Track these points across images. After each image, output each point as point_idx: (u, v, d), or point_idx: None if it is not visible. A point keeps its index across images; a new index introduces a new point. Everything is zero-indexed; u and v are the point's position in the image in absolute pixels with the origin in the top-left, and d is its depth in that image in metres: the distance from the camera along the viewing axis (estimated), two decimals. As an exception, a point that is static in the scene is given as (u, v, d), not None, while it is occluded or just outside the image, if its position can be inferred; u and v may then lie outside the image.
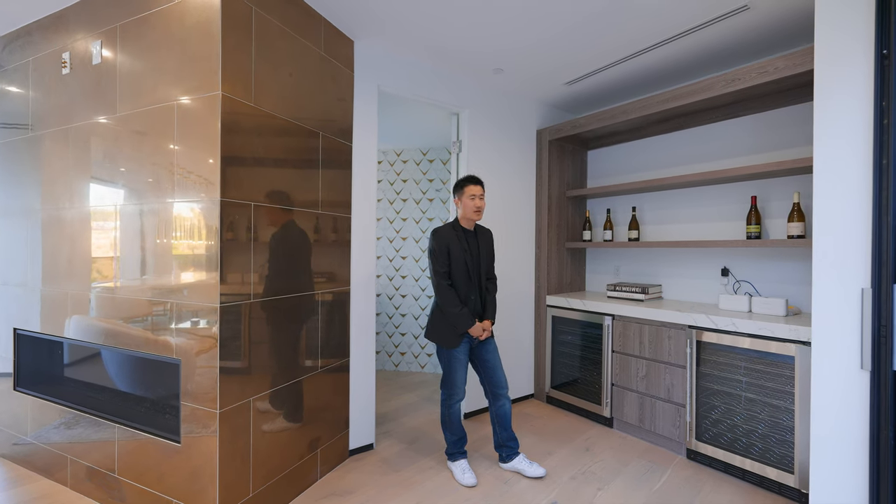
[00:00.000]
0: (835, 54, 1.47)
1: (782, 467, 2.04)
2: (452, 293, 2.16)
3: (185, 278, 1.74)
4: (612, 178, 3.39)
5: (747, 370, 2.17)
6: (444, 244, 2.18)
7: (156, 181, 1.80)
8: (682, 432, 2.43)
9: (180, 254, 1.75)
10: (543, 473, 2.20)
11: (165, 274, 1.79)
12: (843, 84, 1.45)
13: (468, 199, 2.22)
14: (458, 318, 2.14)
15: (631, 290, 2.89)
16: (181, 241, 1.75)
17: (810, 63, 1.94)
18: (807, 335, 1.96)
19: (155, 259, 1.83)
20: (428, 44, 2.45)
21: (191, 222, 1.72)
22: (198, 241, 1.70)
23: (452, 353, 2.20)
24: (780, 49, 2.45)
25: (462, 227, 2.26)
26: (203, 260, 1.69)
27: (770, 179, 2.54)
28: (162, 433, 1.81)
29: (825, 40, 1.49)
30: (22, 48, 2.28)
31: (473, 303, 2.23)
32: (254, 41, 1.77)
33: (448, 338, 2.19)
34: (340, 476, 2.23)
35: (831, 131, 1.48)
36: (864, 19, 1.41)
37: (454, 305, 2.14)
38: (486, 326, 2.23)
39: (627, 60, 2.61)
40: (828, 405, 1.47)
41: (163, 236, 1.79)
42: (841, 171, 1.46)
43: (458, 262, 2.18)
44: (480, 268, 2.26)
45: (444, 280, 2.17)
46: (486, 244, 2.32)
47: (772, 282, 2.52)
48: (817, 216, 1.51)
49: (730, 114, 2.62)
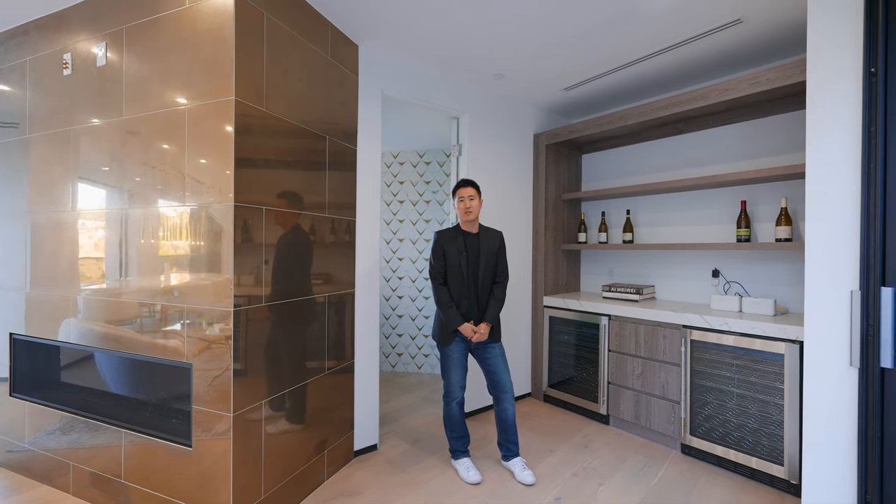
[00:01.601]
0: (826, 66, 1.56)
1: (772, 460, 2.14)
2: (443, 291, 2.23)
3: (196, 282, 1.74)
4: (607, 182, 3.48)
5: (738, 367, 2.27)
6: (439, 245, 2.25)
7: (165, 185, 1.80)
8: (676, 428, 2.52)
9: (192, 257, 1.76)
10: (532, 482, 2.17)
11: (176, 277, 1.79)
12: (833, 95, 1.55)
13: (458, 202, 2.27)
14: (446, 317, 2.22)
15: (626, 290, 2.98)
16: (193, 245, 1.75)
17: (800, 74, 2.04)
18: (795, 334, 2.06)
19: (166, 263, 1.82)
20: (431, 50, 2.49)
21: (203, 226, 1.72)
22: (210, 245, 1.71)
23: (445, 350, 2.27)
24: (771, 59, 2.56)
25: (463, 230, 2.30)
26: (215, 263, 1.70)
27: (759, 185, 2.65)
28: (172, 437, 1.81)
29: (817, 54, 1.59)
30: (18, 47, 2.23)
31: (467, 304, 2.25)
32: (265, 46, 1.78)
33: (442, 335, 2.26)
34: (347, 476, 2.25)
35: (823, 140, 1.57)
36: (854, 34, 1.50)
37: (443, 304, 2.23)
38: (478, 329, 2.22)
39: (624, 68, 2.70)
40: (819, 401, 1.56)
41: (173, 239, 1.79)
42: (832, 178, 1.56)
43: (452, 263, 2.24)
44: (479, 270, 2.26)
45: (436, 280, 2.26)
46: (490, 247, 2.30)
47: (760, 283, 2.64)
48: (810, 221, 1.60)
49: (722, 120, 2.73)
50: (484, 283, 2.28)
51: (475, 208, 2.26)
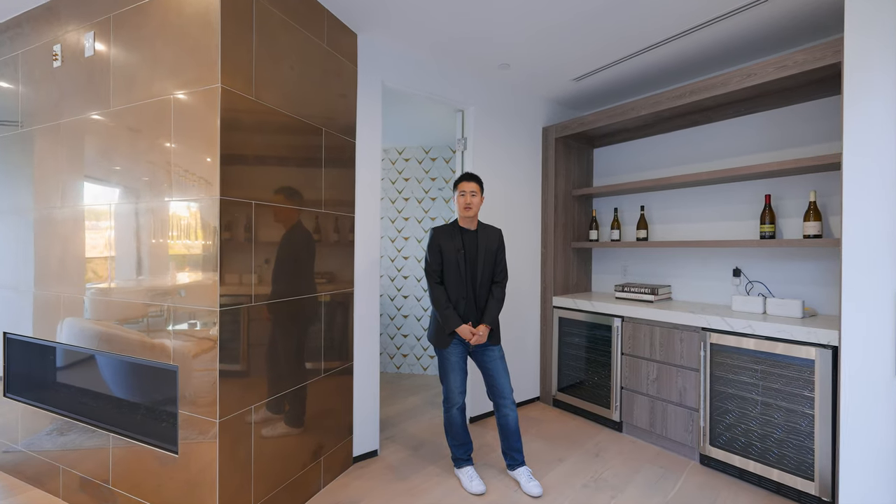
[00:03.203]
0: (866, 44, 1.41)
1: (801, 474, 1.98)
2: (439, 291, 2.11)
3: (182, 279, 1.66)
4: (620, 177, 3.32)
5: (763, 373, 2.11)
6: (435, 242, 2.14)
7: (151, 179, 1.72)
8: (695, 437, 2.36)
9: (177, 254, 1.67)
10: (538, 493, 2.03)
11: (162, 275, 1.71)
12: (874, 76, 1.39)
13: (459, 195, 2.15)
14: (443, 318, 2.09)
15: (640, 290, 2.83)
16: (178, 241, 1.67)
17: (832, 56, 1.87)
18: (828, 338, 1.90)
19: (151, 260, 1.74)
20: (433, 36, 2.37)
21: (188, 221, 1.64)
22: (195, 241, 1.62)
23: (443, 353, 2.15)
24: (798, 44, 2.39)
25: (461, 227, 2.18)
26: (201, 260, 1.61)
27: (784, 178, 2.47)
28: (158, 442, 1.73)
29: (856, 31, 1.43)
30: (11, 41, 2.19)
31: (465, 305, 2.12)
32: (254, 32, 1.69)
33: (439, 337, 2.14)
34: (345, 485, 2.15)
35: (862, 125, 1.42)
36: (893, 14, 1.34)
37: (440, 305, 2.10)
38: (477, 331, 2.09)
39: (638, 56, 2.55)
40: (858, 413, 1.41)
41: (159, 236, 1.71)
42: (872, 168, 1.40)
43: (449, 262, 2.12)
44: (477, 269, 2.14)
45: (432, 279, 2.13)
46: (489, 245, 2.18)
47: (785, 283, 2.46)
48: (847, 216, 1.45)
49: (743, 110, 2.56)
50: (482, 282, 2.15)
51: (475, 205, 2.14)
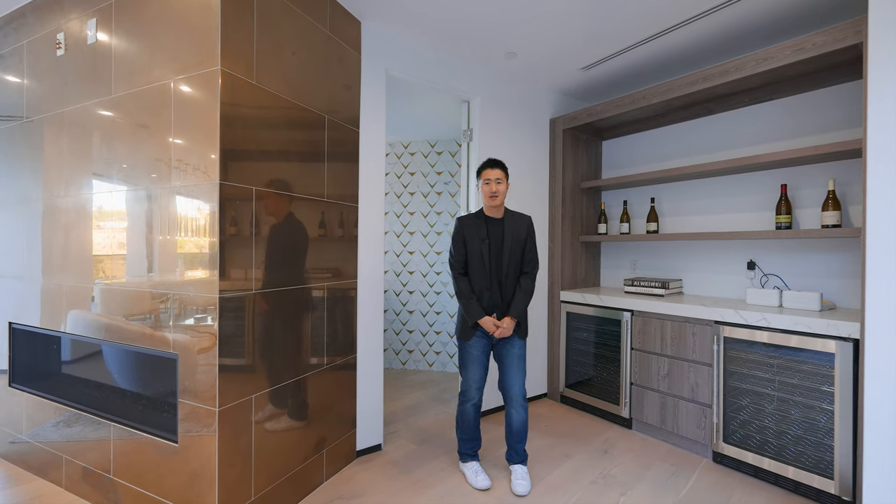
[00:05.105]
0: (893, 25, 1.34)
1: (820, 472, 1.90)
2: (463, 282, 2.06)
3: (183, 269, 1.63)
4: (629, 169, 3.25)
5: (779, 368, 2.04)
6: (460, 232, 2.08)
7: (153, 166, 1.70)
8: (707, 434, 2.29)
9: (178, 242, 1.65)
10: (523, 493, 1.96)
11: (164, 264, 1.69)
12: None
13: (483, 184, 2.08)
14: (466, 309, 2.05)
15: (650, 284, 2.76)
16: (179, 229, 1.64)
17: (853, 37, 1.79)
18: (849, 331, 1.82)
19: (152, 248, 1.72)
20: (438, 23, 2.33)
21: (189, 209, 1.61)
22: (195, 229, 1.60)
23: (464, 345, 2.11)
24: (815, 28, 2.30)
25: (487, 216, 2.12)
26: (202, 249, 1.58)
27: (800, 167, 2.39)
28: (158, 432, 1.71)
29: (881, 7, 1.36)
30: (16, 31, 2.19)
31: (490, 297, 2.06)
32: (255, 16, 1.66)
33: (462, 329, 2.09)
34: (347, 478, 2.12)
35: (886, 109, 1.35)
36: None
37: (463, 296, 2.05)
38: (501, 323, 2.03)
39: (649, 41, 2.48)
40: (883, 409, 1.33)
41: (160, 223, 1.69)
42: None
43: (473, 252, 2.06)
44: (502, 259, 2.06)
45: (456, 270, 2.08)
46: (516, 233, 2.08)
47: (802, 275, 2.38)
48: (871, 202, 1.38)
49: (758, 97, 2.47)
50: (509, 273, 2.07)
51: (501, 192, 2.05)
